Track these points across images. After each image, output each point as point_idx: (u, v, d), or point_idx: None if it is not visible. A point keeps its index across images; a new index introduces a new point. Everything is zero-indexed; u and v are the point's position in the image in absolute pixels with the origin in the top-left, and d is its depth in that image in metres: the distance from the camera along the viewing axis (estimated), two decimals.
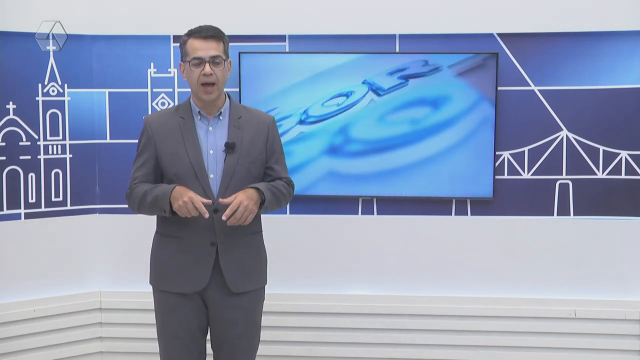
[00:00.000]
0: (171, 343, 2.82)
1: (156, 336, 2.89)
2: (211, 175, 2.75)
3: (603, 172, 3.73)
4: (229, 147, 2.75)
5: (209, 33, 2.72)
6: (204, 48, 2.71)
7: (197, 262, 2.75)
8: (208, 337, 2.91)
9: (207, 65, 2.70)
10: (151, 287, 2.91)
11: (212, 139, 2.78)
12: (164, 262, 2.82)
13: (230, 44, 3.16)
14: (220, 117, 2.80)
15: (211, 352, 2.93)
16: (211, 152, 2.77)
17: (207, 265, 2.75)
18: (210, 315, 2.82)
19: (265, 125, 2.86)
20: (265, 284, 2.95)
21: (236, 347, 2.82)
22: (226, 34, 3.42)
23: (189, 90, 3.73)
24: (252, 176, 2.79)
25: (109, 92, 3.83)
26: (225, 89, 2.84)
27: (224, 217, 2.64)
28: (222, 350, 2.85)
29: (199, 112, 2.80)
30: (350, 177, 3.76)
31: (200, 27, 2.76)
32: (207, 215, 2.63)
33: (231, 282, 2.76)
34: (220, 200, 2.69)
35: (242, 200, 2.66)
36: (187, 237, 2.75)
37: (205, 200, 2.63)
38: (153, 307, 3.60)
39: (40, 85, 3.71)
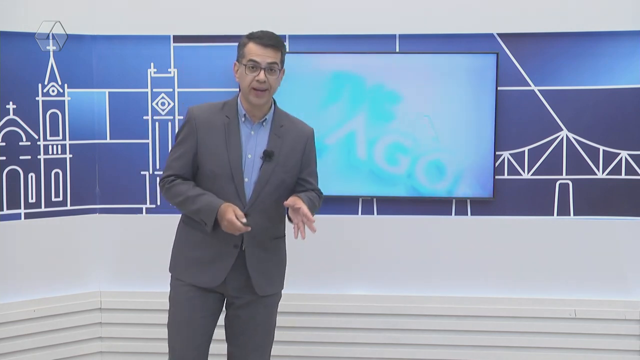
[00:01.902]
0: (179, 331, 2.86)
1: (156, 336, 2.89)
2: (246, 179, 2.77)
3: (603, 172, 3.73)
4: (267, 156, 2.77)
5: (270, 42, 2.74)
6: (262, 54, 2.72)
7: (217, 260, 2.79)
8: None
9: (262, 72, 2.71)
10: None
11: (252, 144, 2.80)
12: (185, 252, 2.86)
13: (231, 44, 3.16)
14: (264, 124, 2.82)
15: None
16: (249, 156, 2.78)
17: (225, 265, 2.78)
18: (229, 313, 2.89)
19: (304, 137, 2.89)
20: (283, 287, 3.01)
21: (251, 342, 2.88)
22: (226, 34, 3.42)
23: (190, 90, 3.79)
24: (285, 185, 2.83)
25: (109, 92, 3.82)
26: (225, 89, 2.86)
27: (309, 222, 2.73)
28: (237, 345, 2.89)
29: (244, 115, 2.81)
30: (349, 175, 3.77)
31: (262, 32, 2.77)
32: (249, 229, 2.68)
33: (257, 285, 2.82)
34: (289, 203, 2.72)
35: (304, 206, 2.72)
36: (212, 234, 2.76)
37: (242, 219, 2.66)
38: (153, 307, 3.65)
39: (40, 85, 3.71)
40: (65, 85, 3.76)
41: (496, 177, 3.73)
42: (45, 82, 3.72)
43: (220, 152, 2.76)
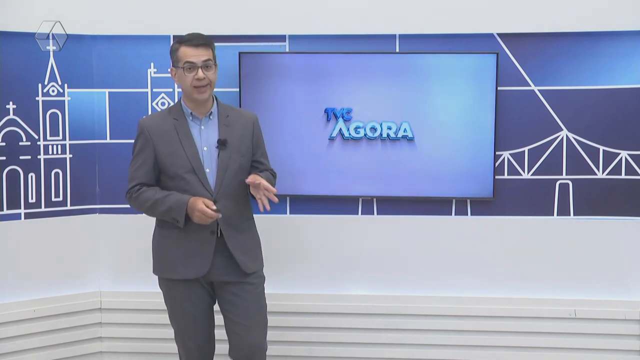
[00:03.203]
0: (183, 323, 3.06)
1: (156, 336, 2.98)
2: (207, 170, 2.99)
3: (603, 172, 3.73)
4: (222, 144, 3.00)
5: (200, 41, 2.97)
6: (196, 54, 2.94)
7: (198, 250, 2.98)
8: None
9: (200, 70, 2.94)
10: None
11: (205, 137, 3.02)
12: (166, 252, 3.03)
13: (230, 44, 3.20)
14: (211, 117, 3.05)
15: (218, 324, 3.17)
16: (205, 149, 3.00)
17: (208, 253, 2.97)
18: (221, 300, 3.07)
19: (250, 122, 3.12)
20: (263, 265, 3.19)
21: (247, 322, 3.04)
22: (226, 34, 3.46)
23: None
24: (243, 169, 3.05)
25: (109, 92, 3.83)
26: (225, 89, 2.90)
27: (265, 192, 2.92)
28: (235, 328, 3.04)
29: (190, 113, 3.03)
30: (349, 174, 3.77)
31: (190, 35, 3.00)
32: (220, 216, 2.89)
33: (242, 263, 3.01)
34: (249, 180, 2.93)
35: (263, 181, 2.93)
36: (187, 227, 2.95)
37: (212, 207, 2.87)
38: (153, 307, 3.70)
39: (40, 85, 3.71)
40: (65, 85, 3.76)
41: (496, 177, 3.73)
42: (45, 82, 3.72)
43: (177, 152, 2.97)
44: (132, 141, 3.78)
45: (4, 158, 3.65)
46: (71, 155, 3.79)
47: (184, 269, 2.99)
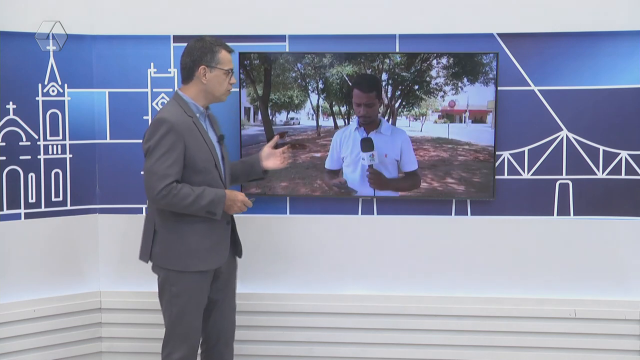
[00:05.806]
0: (196, 315, 3.14)
1: (156, 336, 3.09)
2: (220, 164, 3.17)
3: (603, 172, 3.73)
4: (221, 139, 3.22)
5: (231, 49, 3.19)
6: (231, 61, 3.17)
7: (221, 239, 3.15)
8: None
9: (233, 76, 3.18)
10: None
11: (210, 133, 3.19)
12: (195, 245, 3.10)
13: (231, 44, 3.21)
14: (208, 116, 3.24)
15: None
16: (214, 144, 3.17)
17: (227, 242, 3.17)
18: (219, 282, 3.21)
19: (215, 119, 3.33)
20: None
21: (230, 304, 3.32)
22: (226, 34, 3.48)
23: None
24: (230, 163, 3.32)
25: (109, 92, 3.83)
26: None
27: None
28: (217, 309, 3.26)
29: (202, 111, 3.16)
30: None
31: (222, 41, 3.17)
32: (251, 205, 3.15)
33: (240, 250, 3.29)
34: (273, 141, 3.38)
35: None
36: (211, 219, 3.08)
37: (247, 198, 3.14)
38: (153, 307, 3.69)
39: (40, 85, 3.71)
40: (65, 85, 3.76)
41: (496, 177, 3.73)
42: (45, 82, 3.72)
43: (202, 147, 3.09)
44: (132, 141, 3.82)
45: (4, 158, 3.65)
46: (71, 155, 3.80)
47: (211, 259, 3.12)
